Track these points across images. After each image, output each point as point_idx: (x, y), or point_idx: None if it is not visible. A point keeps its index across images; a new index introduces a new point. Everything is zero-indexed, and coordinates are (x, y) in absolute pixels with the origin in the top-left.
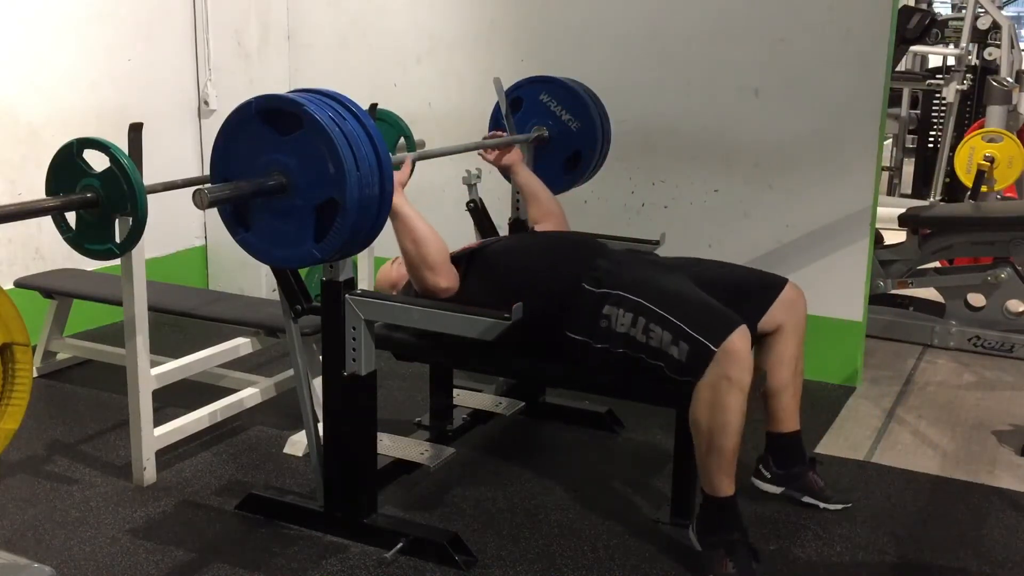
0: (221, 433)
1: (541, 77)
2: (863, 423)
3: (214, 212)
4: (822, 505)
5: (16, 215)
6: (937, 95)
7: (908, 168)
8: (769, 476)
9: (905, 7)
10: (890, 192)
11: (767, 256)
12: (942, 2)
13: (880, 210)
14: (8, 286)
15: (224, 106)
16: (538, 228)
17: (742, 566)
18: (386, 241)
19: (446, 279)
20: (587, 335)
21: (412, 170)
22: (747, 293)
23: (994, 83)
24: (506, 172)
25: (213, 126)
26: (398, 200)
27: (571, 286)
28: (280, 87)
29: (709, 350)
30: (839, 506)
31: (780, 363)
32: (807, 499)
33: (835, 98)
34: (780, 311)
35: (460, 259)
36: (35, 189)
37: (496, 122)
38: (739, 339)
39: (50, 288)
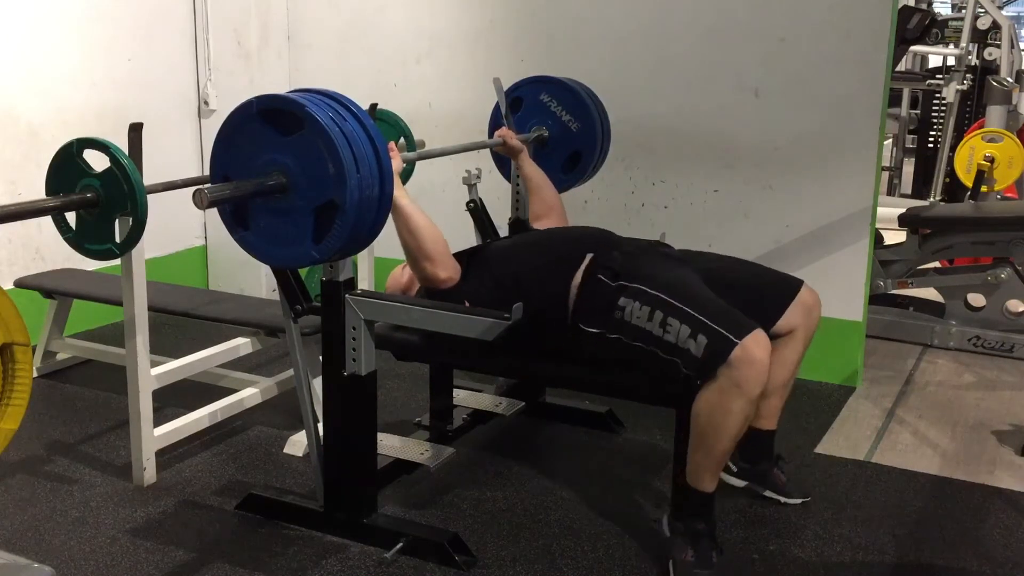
0: (221, 433)
1: (541, 77)
2: (863, 423)
3: (214, 212)
4: (783, 500)
5: (16, 215)
6: (937, 95)
7: (908, 168)
8: (736, 470)
9: (905, 7)
10: (890, 192)
11: (767, 256)
12: (942, 2)
13: (880, 210)
14: (8, 286)
15: (224, 106)
16: (539, 225)
17: (702, 556)
18: (386, 241)
19: (445, 269)
20: (601, 327)
21: (410, 166)
22: (763, 294)
23: (994, 83)
24: (515, 158)
25: (213, 126)
26: (396, 192)
27: (585, 278)
28: (280, 87)
29: (730, 342)
30: (798, 500)
31: (782, 366)
32: (768, 494)
33: (835, 98)
34: (797, 315)
35: (463, 254)
36: (35, 189)
37: (496, 122)
38: (759, 346)
39: (50, 288)
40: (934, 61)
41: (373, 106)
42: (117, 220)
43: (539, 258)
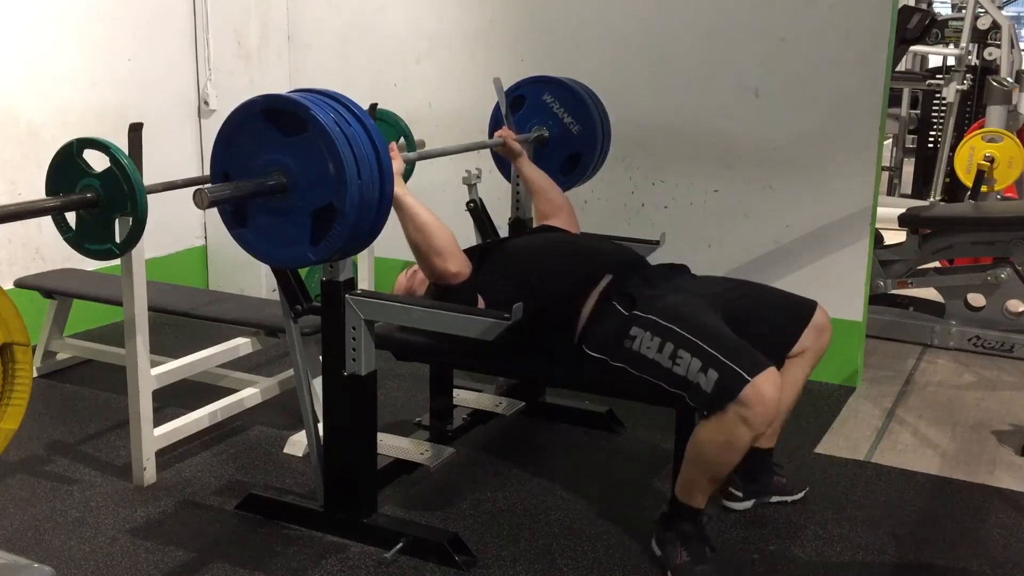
0: (221, 433)
1: (543, 77)
2: (863, 423)
3: (214, 212)
4: (789, 499)
5: (16, 215)
6: (937, 95)
7: (908, 168)
8: (740, 495)
9: (905, 7)
10: (890, 192)
11: (767, 256)
12: (942, 2)
13: (880, 210)
14: (8, 286)
15: (224, 106)
16: (549, 223)
17: (695, 553)
18: (387, 241)
19: (455, 264)
20: (605, 353)
21: (411, 166)
22: (777, 321)
23: (994, 83)
24: (513, 161)
25: (213, 126)
26: (398, 191)
27: (599, 302)
28: (280, 87)
29: (742, 379)
30: (800, 494)
31: (787, 386)
32: (775, 499)
33: (835, 98)
34: (809, 337)
35: (475, 249)
36: (35, 189)
37: (496, 122)
38: (770, 384)
39: (50, 288)
40: (934, 61)
41: (373, 106)
42: (117, 220)
43: (556, 264)
